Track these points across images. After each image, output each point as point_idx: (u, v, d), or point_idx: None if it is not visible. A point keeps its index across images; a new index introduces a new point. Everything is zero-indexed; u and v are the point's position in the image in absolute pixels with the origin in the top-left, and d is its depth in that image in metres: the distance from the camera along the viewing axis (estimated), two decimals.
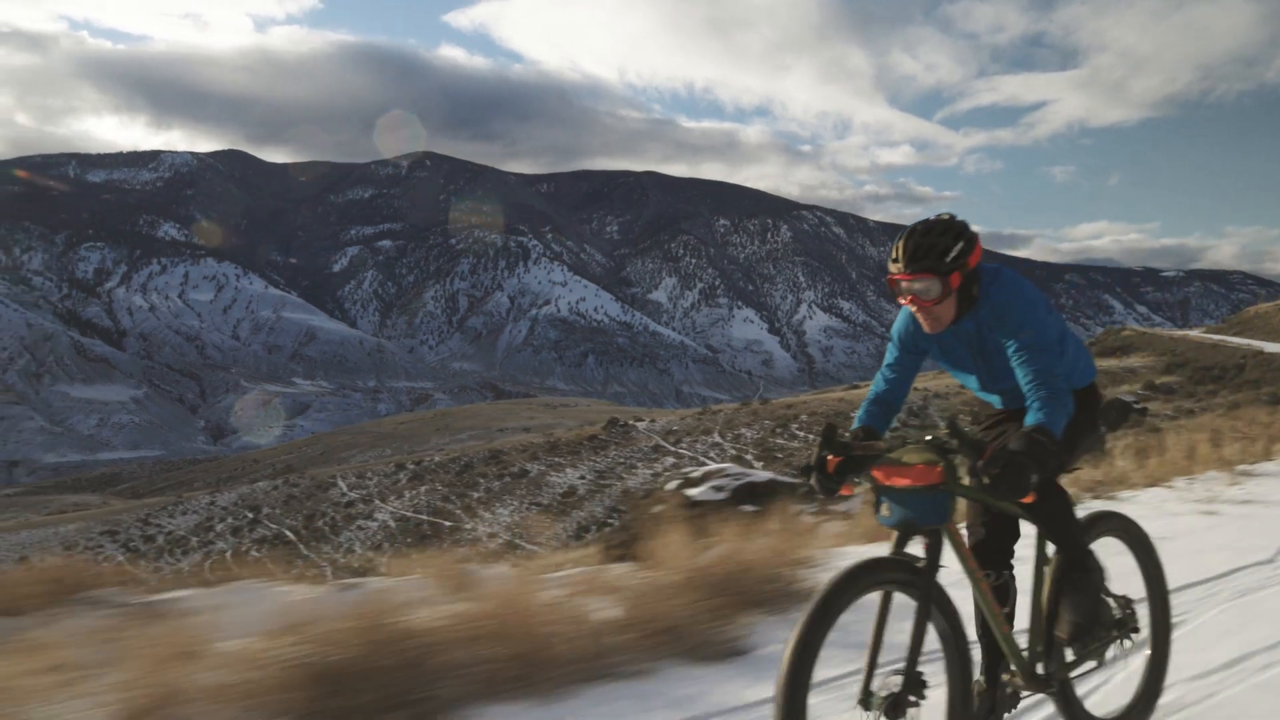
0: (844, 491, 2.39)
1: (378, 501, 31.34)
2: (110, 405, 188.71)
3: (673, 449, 40.34)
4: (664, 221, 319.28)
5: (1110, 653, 2.69)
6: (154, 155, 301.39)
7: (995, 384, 2.57)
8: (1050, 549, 2.56)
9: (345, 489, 32.76)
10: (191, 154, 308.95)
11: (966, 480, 2.26)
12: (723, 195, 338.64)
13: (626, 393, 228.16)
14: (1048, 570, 2.55)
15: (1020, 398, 2.43)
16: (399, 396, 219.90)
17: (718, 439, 40.34)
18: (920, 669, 2.18)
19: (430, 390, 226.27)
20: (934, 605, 2.25)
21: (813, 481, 2.41)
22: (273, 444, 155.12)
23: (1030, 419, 2.25)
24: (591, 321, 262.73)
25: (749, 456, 37.10)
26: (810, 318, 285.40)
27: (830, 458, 2.38)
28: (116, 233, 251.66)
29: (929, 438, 2.26)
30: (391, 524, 28.53)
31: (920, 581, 2.22)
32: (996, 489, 2.18)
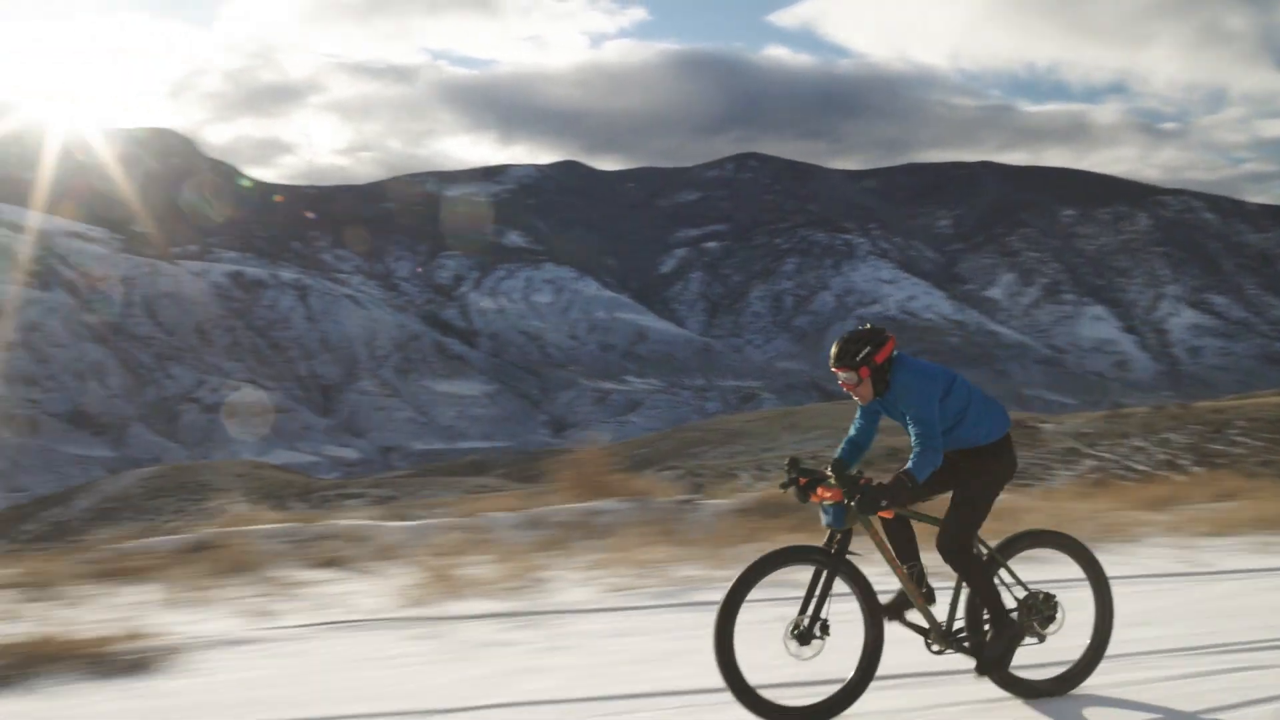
0: (813, 499, 3.63)
1: None
2: (466, 399, 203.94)
3: (1090, 452, 36.22)
4: (1001, 214, 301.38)
5: (1049, 631, 3.78)
6: (501, 169, 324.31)
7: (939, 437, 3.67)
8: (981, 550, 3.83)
9: (749, 480, 31.67)
10: (533, 166, 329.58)
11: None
12: (1068, 183, 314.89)
13: None
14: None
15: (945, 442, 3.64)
16: (726, 395, 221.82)
17: (1140, 443, 36.20)
18: (825, 616, 3.49)
19: (756, 389, 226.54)
20: (845, 576, 3.55)
21: (791, 492, 3.69)
22: (616, 440, 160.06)
23: (907, 465, 3.51)
24: (922, 320, 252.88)
25: (1183, 461, 32.76)
26: (1174, 314, 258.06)
27: (801, 478, 3.66)
28: (469, 242, 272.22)
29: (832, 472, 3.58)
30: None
31: (829, 561, 3.53)
32: (859, 508, 3.44)
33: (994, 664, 3.57)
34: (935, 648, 3.65)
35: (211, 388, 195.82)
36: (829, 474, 3.63)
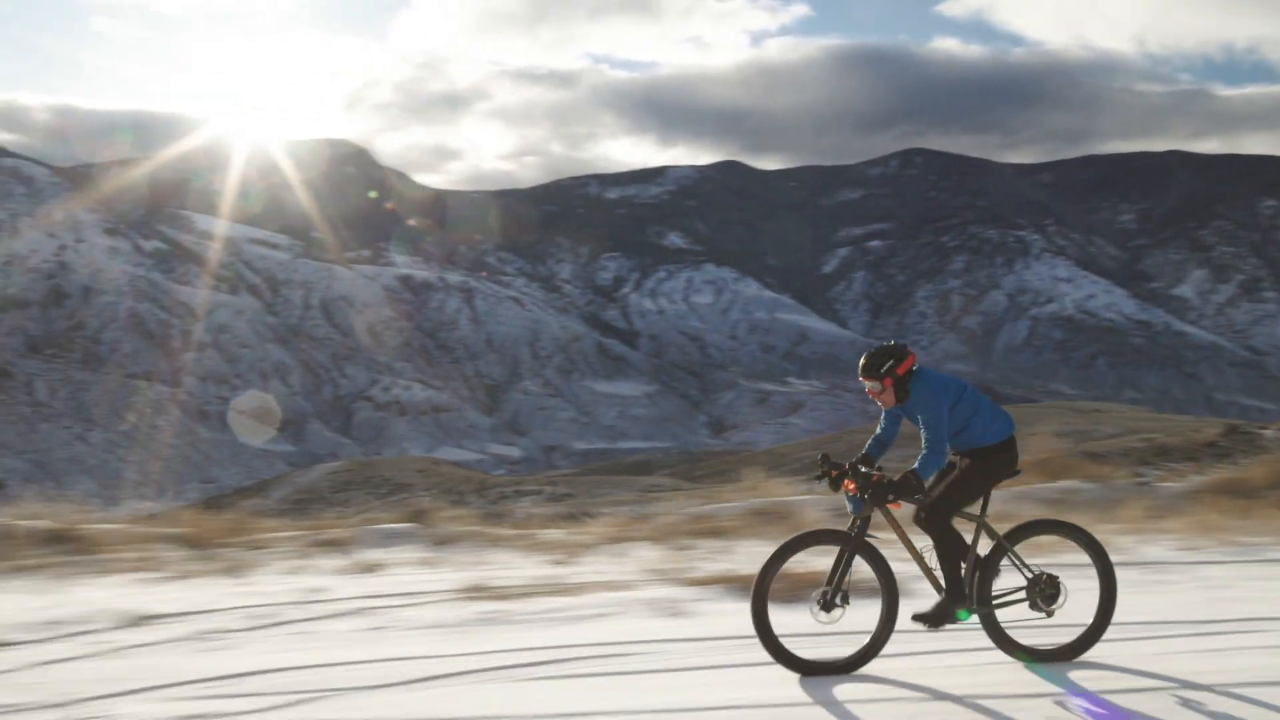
0: (843, 487, 4.30)
1: None
2: (627, 399, 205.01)
3: None
4: (1192, 206, 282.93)
5: (1052, 611, 4.33)
6: (660, 171, 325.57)
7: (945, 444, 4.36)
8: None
9: None
10: (693, 167, 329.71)
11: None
12: (1271, 171, 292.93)
13: (1144, 398, 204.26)
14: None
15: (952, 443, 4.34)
16: None
17: None
18: (846, 588, 4.22)
19: None
20: (864, 555, 4.22)
21: (824, 484, 4.36)
22: (778, 442, 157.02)
23: (914, 466, 4.18)
24: (1102, 320, 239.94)
25: None
26: None
27: (832, 471, 4.32)
28: (629, 244, 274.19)
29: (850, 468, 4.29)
30: (1024, 515, 24.12)
31: (850, 542, 4.22)
32: (871, 500, 4.15)
33: (930, 619, 4.23)
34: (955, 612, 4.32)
35: (383, 387, 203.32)
36: (848, 469, 4.29)
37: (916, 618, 4.22)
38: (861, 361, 4.41)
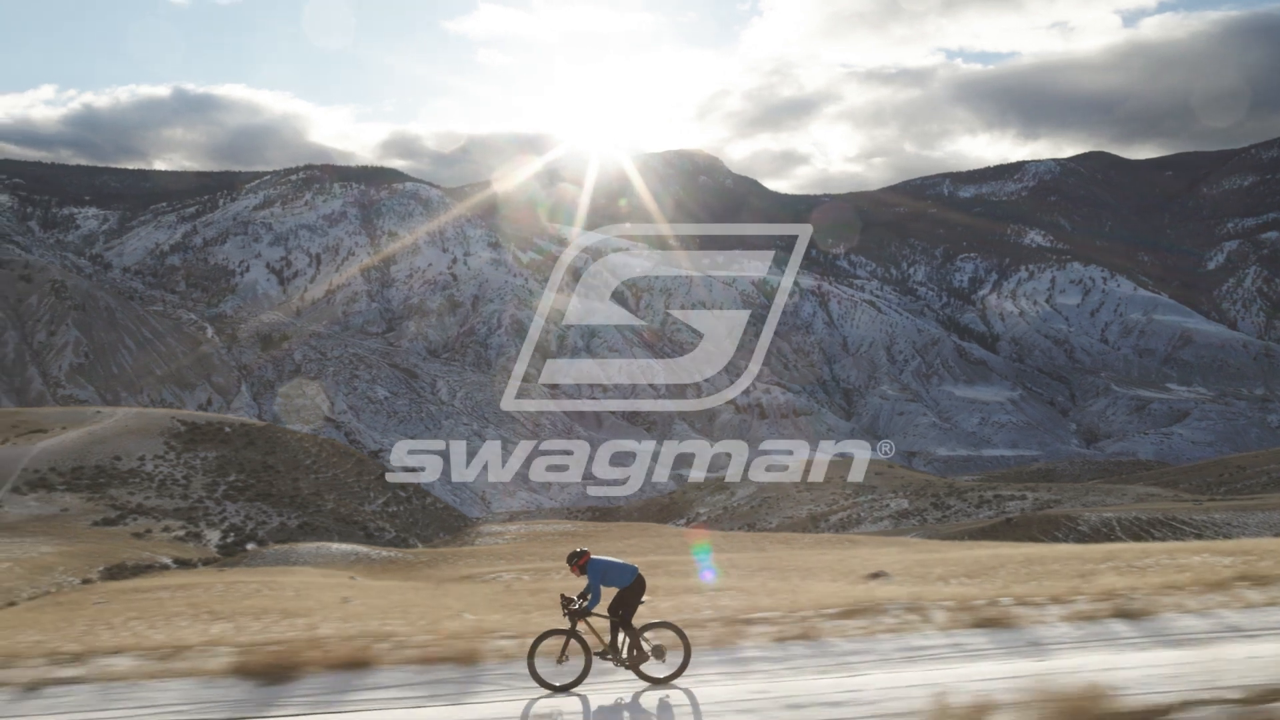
0: (564, 608, 8.01)
1: None
2: (989, 405, 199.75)
3: None
4: None
5: (665, 661, 7.91)
6: (1018, 167, 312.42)
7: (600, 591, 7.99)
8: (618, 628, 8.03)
9: None
10: (1054, 161, 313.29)
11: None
12: None
13: None
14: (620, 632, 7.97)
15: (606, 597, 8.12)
16: None
17: None
18: (568, 655, 7.89)
19: None
20: (576, 639, 7.91)
21: (563, 608, 8.03)
22: (1162, 455, 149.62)
23: (584, 605, 7.87)
24: None
25: None
26: None
27: (562, 601, 8.06)
28: (986, 243, 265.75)
29: (572, 598, 8.03)
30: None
31: (569, 633, 7.91)
32: (572, 616, 7.90)
33: (600, 654, 7.89)
34: (611, 660, 7.88)
35: (744, 390, 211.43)
36: (568, 603, 7.91)
37: (597, 653, 8.02)
38: (566, 558, 8.23)
